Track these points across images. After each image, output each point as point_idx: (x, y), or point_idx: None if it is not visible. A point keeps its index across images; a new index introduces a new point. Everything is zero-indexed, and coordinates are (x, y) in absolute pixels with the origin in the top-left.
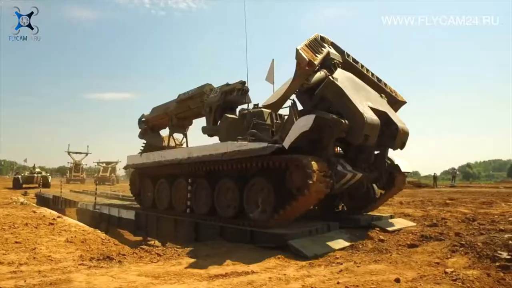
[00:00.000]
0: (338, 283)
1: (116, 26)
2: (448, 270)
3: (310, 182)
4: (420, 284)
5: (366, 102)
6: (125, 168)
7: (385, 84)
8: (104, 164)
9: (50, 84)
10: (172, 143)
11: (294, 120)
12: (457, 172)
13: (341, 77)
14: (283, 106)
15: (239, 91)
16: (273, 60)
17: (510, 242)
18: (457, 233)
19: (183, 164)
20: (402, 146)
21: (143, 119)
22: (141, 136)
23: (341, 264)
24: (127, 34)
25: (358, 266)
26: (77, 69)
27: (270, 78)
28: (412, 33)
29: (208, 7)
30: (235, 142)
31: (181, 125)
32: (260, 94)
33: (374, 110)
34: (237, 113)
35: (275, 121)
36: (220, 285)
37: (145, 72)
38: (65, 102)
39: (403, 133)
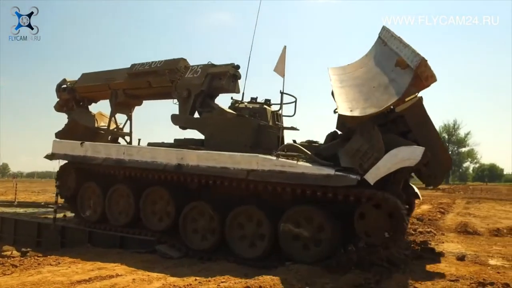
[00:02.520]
0: (195, 279)
1: None
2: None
3: (405, 225)
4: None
5: None
6: (49, 158)
7: None
8: None
9: None
10: (112, 126)
11: (381, 144)
12: None
13: None
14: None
15: (231, 77)
16: (284, 47)
17: None
18: None
19: (167, 172)
20: None
21: (65, 85)
22: (60, 108)
23: (203, 263)
24: None
25: (218, 264)
26: None
27: (280, 69)
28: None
29: None
30: (269, 157)
31: (127, 104)
32: None
33: None
34: (220, 105)
35: (276, 122)
36: None
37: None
38: None
39: None
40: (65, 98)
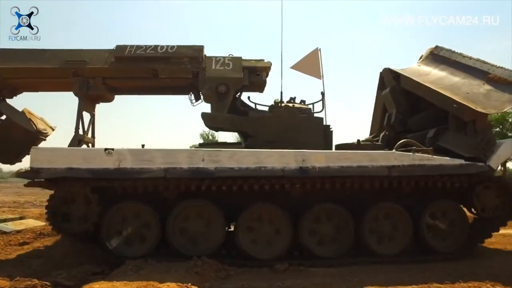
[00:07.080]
0: None
1: None
2: None
3: None
4: None
5: None
6: (28, 176)
7: None
8: None
9: None
10: (80, 129)
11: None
12: None
13: None
14: None
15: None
16: (318, 49)
17: None
18: None
19: (286, 178)
20: None
21: None
22: None
23: None
24: None
25: None
26: None
27: (316, 71)
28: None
29: None
30: (405, 152)
31: (96, 99)
32: None
33: None
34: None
35: None
36: None
37: None
38: None
39: None
40: None
